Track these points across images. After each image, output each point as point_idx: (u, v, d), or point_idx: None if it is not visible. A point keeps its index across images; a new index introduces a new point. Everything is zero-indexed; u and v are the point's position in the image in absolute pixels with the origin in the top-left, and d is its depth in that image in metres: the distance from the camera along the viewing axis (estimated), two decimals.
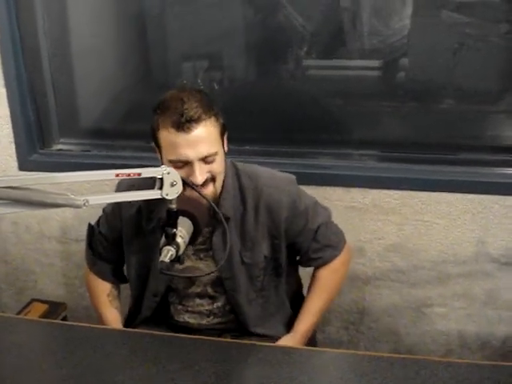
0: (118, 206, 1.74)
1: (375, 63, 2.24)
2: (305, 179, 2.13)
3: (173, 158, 1.49)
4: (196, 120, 1.46)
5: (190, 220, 1.30)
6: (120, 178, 1.05)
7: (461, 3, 2.06)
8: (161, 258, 1.19)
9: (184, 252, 1.60)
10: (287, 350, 1.55)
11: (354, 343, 2.39)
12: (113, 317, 1.81)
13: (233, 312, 1.77)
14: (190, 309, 1.78)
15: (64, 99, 2.45)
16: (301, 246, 1.77)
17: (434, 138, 2.19)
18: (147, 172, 1.12)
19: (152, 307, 1.80)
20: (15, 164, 2.41)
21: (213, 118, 1.51)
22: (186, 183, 1.25)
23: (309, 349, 1.56)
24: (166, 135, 1.49)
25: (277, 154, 2.26)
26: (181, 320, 1.80)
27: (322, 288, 1.80)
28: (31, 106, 2.37)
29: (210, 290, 1.75)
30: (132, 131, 2.41)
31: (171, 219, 1.22)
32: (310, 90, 2.29)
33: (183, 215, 1.29)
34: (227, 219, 1.64)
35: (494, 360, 2.24)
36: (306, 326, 1.76)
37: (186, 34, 2.29)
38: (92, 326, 1.67)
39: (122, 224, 1.75)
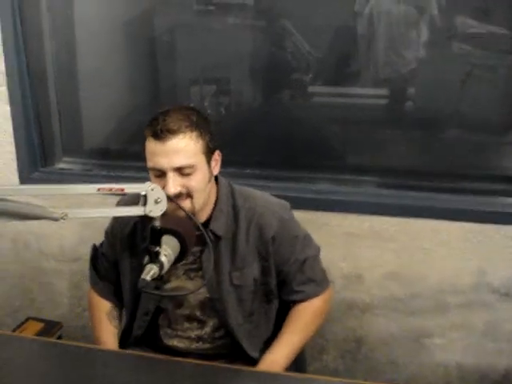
0: (116, 225, 1.74)
1: (381, 91, 2.26)
2: (303, 204, 2.15)
3: (150, 165, 1.52)
4: (173, 131, 1.47)
5: (177, 239, 1.28)
6: (101, 192, 1.04)
7: (470, 34, 2.07)
8: (142, 276, 1.17)
9: (172, 271, 1.61)
10: (275, 376, 1.52)
11: (351, 372, 2.34)
12: (108, 336, 1.78)
13: (224, 337, 1.74)
14: (179, 333, 1.76)
15: (68, 119, 2.47)
16: (286, 276, 1.72)
17: (436, 166, 2.18)
18: (130, 188, 1.11)
19: (143, 327, 1.77)
20: (17, 181, 2.41)
21: (194, 134, 1.50)
22: (169, 199, 1.24)
23: (297, 375, 1.52)
24: (147, 143, 1.52)
25: (277, 178, 2.26)
26: (170, 344, 1.77)
27: (300, 324, 1.73)
28: (35, 124, 2.39)
29: (198, 313, 1.72)
30: (135, 153, 2.41)
31: (155, 237, 1.20)
32: (314, 116, 2.30)
33: (170, 234, 1.28)
34: (218, 238, 1.64)
35: None
36: (277, 356, 1.67)
37: (195, 58, 2.31)
38: (78, 344, 1.65)
39: (118, 242, 1.75)
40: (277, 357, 1.66)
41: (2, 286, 2.64)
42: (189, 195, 1.53)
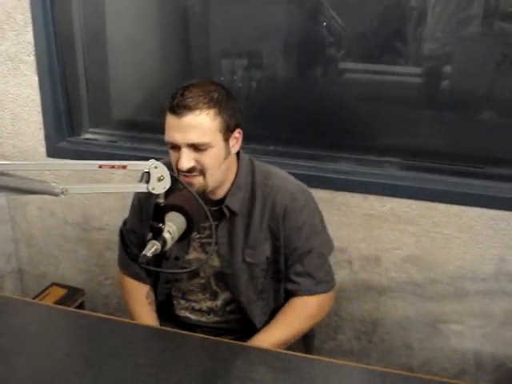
0: (141, 196, 1.76)
1: (415, 70, 2.20)
2: (324, 183, 2.15)
3: (166, 139, 1.55)
4: (189, 107, 1.47)
5: (183, 215, 1.29)
6: (103, 169, 1.04)
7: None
8: (143, 252, 1.18)
9: (190, 243, 1.68)
10: (277, 354, 1.52)
11: (365, 353, 2.34)
12: (151, 320, 1.78)
13: (234, 312, 1.76)
14: (191, 304, 1.79)
15: (96, 89, 2.49)
16: (287, 260, 1.72)
17: (463, 149, 2.13)
18: (133, 165, 1.11)
19: (165, 293, 1.82)
20: (43, 150, 2.46)
21: (212, 111, 1.50)
22: (176, 180, 1.24)
23: (300, 355, 1.52)
24: (167, 117, 1.54)
25: (299, 156, 2.24)
26: (182, 315, 1.81)
27: (287, 321, 1.71)
28: (62, 93, 2.42)
29: (213, 283, 1.75)
30: (162, 125, 2.42)
31: (158, 214, 1.21)
32: (344, 93, 2.26)
33: (175, 210, 1.28)
34: (234, 214, 1.65)
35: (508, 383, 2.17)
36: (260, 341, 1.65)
37: (227, 31, 2.29)
38: (89, 313, 1.70)
39: (145, 212, 1.77)
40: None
41: (28, 251, 2.71)
42: (202, 171, 1.54)
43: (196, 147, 1.51)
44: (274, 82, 2.36)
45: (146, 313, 1.78)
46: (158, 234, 1.21)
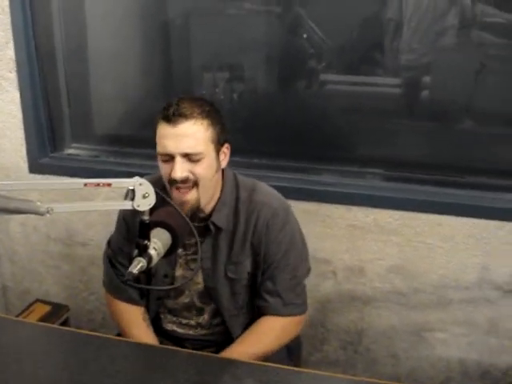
0: (127, 215, 1.72)
1: (394, 81, 2.22)
2: (307, 195, 2.16)
3: (159, 150, 1.54)
4: (185, 115, 1.49)
5: (169, 232, 1.29)
6: (88, 187, 1.04)
7: (491, 23, 2.02)
8: (129, 269, 1.18)
9: (177, 260, 1.69)
10: (265, 368, 1.52)
11: (351, 364, 2.35)
12: (152, 342, 1.74)
13: (220, 324, 1.77)
14: (178, 319, 1.79)
15: (78, 104, 2.48)
16: (262, 275, 1.70)
17: (443, 159, 2.15)
18: (118, 183, 1.12)
19: (155, 310, 1.81)
20: (25, 166, 2.44)
21: (206, 121, 1.53)
22: (160, 195, 1.24)
23: (287, 368, 1.52)
24: (158, 127, 1.53)
25: (282, 169, 2.25)
26: (169, 329, 1.81)
27: (253, 339, 1.69)
28: (44, 109, 2.41)
29: (197, 302, 1.75)
30: (145, 139, 2.41)
31: (143, 230, 1.21)
32: (325, 105, 2.28)
33: (162, 226, 1.28)
34: (219, 230, 1.66)
35: None
36: None
37: (208, 44, 2.30)
38: (76, 330, 1.69)
39: (130, 230, 1.74)
40: None
41: (11, 268, 2.69)
42: (195, 183, 1.55)
43: (190, 158, 1.52)
44: (255, 95, 2.38)
45: (146, 336, 1.73)
46: (143, 251, 1.21)
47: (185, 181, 1.53)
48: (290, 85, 2.30)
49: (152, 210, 1.22)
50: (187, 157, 1.52)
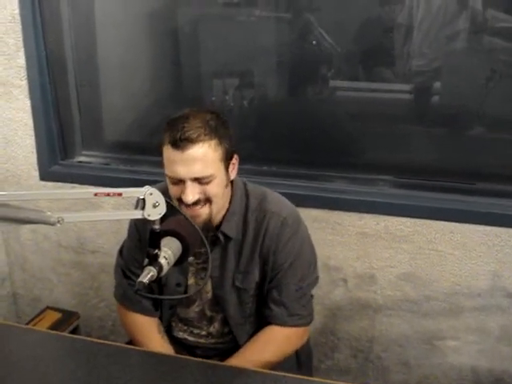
0: (139, 224, 1.73)
1: (404, 87, 2.21)
2: (318, 203, 2.15)
3: (168, 173, 1.52)
4: (192, 140, 1.46)
5: (179, 241, 1.29)
6: (98, 197, 1.04)
7: (501, 28, 2.01)
8: (140, 279, 1.18)
9: (189, 269, 1.68)
10: (277, 378, 1.51)
11: (362, 372, 2.34)
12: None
13: (231, 332, 1.76)
14: (190, 328, 1.79)
15: (88, 111, 2.49)
16: (269, 283, 1.70)
17: (455, 165, 2.14)
18: (128, 192, 1.11)
19: (168, 320, 1.81)
20: (36, 174, 2.45)
21: (214, 142, 1.50)
22: (172, 206, 1.24)
23: (297, 377, 1.51)
24: (165, 151, 1.51)
25: (293, 176, 2.25)
26: (180, 337, 1.81)
27: (257, 349, 1.68)
28: (55, 117, 2.42)
29: (207, 311, 1.75)
30: (155, 146, 2.42)
31: (154, 240, 1.21)
32: (335, 111, 2.27)
33: (172, 235, 1.28)
34: (229, 239, 1.65)
35: None
36: None
37: (218, 51, 2.30)
38: (85, 338, 1.69)
39: (142, 239, 1.73)
40: None
41: (22, 275, 2.70)
42: (207, 200, 1.54)
43: (200, 181, 1.50)
44: (265, 102, 2.37)
45: (163, 348, 1.71)
46: (153, 260, 1.21)
47: (196, 202, 1.52)
48: (300, 91, 2.29)
49: (162, 219, 1.22)
50: (197, 180, 1.50)
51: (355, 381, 2.31)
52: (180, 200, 1.52)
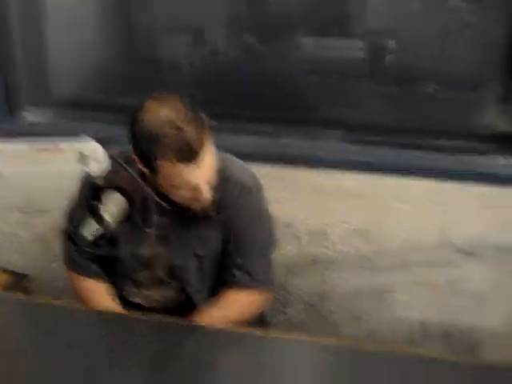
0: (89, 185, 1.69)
1: (359, 44, 2.21)
2: (271, 158, 2.13)
3: (175, 184, 1.46)
4: (198, 147, 1.40)
5: (124, 196, 1.26)
6: (42, 150, 1.00)
7: None
8: (80, 231, 1.14)
9: (145, 237, 1.64)
10: (228, 333, 1.52)
11: (314, 326, 2.37)
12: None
13: (184, 299, 1.75)
14: (144, 292, 1.78)
15: (34, 67, 2.41)
16: (230, 249, 1.70)
17: (403, 122, 2.17)
18: (70, 147, 1.08)
19: (122, 288, 1.79)
20: None
21: (205, 136, 1.44)
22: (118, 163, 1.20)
23: (251, 333, 1.53)
24: (170, 167, 1.42)
25: (244, 132, 2.23)
26: (134, 301, 1.79)
27: (220, 314, 1.67)
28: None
29: (164, 277, 1.73)
30: (104, 104, 2.38)
31: (96, 194, 1.18)
32: (288, 68, 2.26)
33: (114, 190, 1.25)
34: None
35: (456, 352, 2.23)
36: None
37: (171, 5, 2.25)
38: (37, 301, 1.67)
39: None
40: None
41: None
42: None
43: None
44: (217, 58, 2.34)
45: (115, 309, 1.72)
46: (95, 213, 1.18)
47: None
48: (253, 48, 2.26)
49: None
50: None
51: (308, 336, 2.34)
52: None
